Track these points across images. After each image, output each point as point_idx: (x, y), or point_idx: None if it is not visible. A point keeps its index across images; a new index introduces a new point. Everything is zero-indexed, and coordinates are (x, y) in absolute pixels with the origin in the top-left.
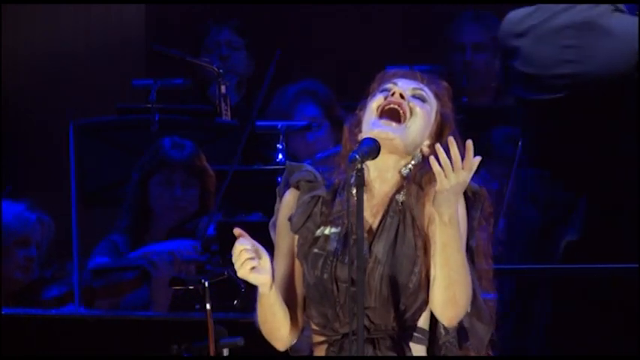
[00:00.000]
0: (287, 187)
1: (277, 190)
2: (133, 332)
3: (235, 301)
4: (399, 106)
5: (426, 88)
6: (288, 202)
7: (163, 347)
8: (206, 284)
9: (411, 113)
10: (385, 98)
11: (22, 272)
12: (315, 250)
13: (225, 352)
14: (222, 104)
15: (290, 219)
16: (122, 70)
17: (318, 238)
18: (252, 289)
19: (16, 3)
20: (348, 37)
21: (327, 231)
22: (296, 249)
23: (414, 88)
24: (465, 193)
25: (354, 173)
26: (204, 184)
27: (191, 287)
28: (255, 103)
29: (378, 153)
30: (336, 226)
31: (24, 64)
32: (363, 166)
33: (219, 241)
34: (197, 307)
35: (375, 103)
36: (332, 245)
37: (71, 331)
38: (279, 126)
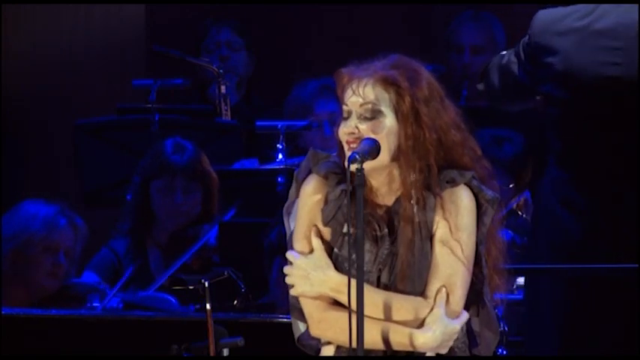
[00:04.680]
0: (307, 172)
1: (295, 173)
2: (133, 332)
3: (235, 301)
4: (354, 142)
5: (373, 93)
6: (314, 189)
7: (163, 347)
8: (206, 284)
9: (365, 135)
10: (341, 127)
11: (51, 279)
12: (335, 251)
13: (225, 352)
14: (223, 104)
15: (322, 212)
16: (122, 70)
17: (343, 236)
18: (252, 289)
19: (16, 3)
20: (348, 37)
21: (345, 229)
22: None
23: (360, 105)
24: (478, 201)
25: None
26: (207, 188)
27: (191, 287)
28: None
29: (378, 153)
30: (352, 226)
31: (24, 64)
32: (363, 166)
33: (220, 242)
34: (197, 307)
35: (340, 135)
36: (346, 249)
37: (71, 330)
38: (279, 126)
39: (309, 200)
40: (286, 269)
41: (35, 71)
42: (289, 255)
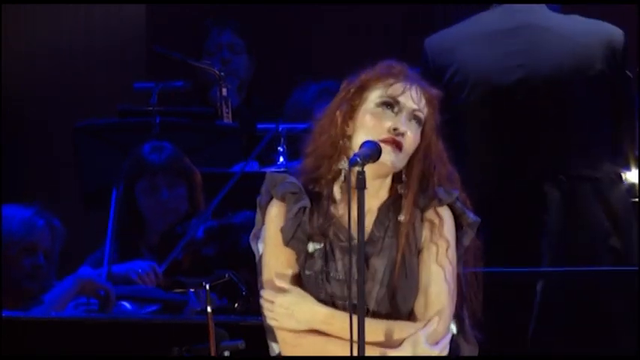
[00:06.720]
0: (268, 196)
1: (258, 200)
2: (134, 334)
3: (236, 304)
4: (392, 142)
5: (422, 104)
6: (277, 215)
7: (164, 349)
8: (207, 287)
9: (407, 141)
10: (387, 117)
11: (30, 280)
12: (307, 272)
13: (226, 354)
14: (224, 107)
15: (281, 231)
16: (122, 70)
17: (307, 255)
18: (253, 292)
19: (17, 3)
20: (348, 37)
21: (310, 248)
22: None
23: (414, 111)
24: (459, 223)
25: (354, 176)
26: (191, 183)
27: (192, 290)
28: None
29: (378, 156)
30: (319, 242)
31: (24, 65)
32: (364, 169)
33: (220, 242)
34: (198, 309)
35: (379, 120)
36: (317, 264)
37: (71, 333)
38: (280, 129)
39: (273, 225)
40: (266, 307)
41: (35, 71)
42: (267, 294)
